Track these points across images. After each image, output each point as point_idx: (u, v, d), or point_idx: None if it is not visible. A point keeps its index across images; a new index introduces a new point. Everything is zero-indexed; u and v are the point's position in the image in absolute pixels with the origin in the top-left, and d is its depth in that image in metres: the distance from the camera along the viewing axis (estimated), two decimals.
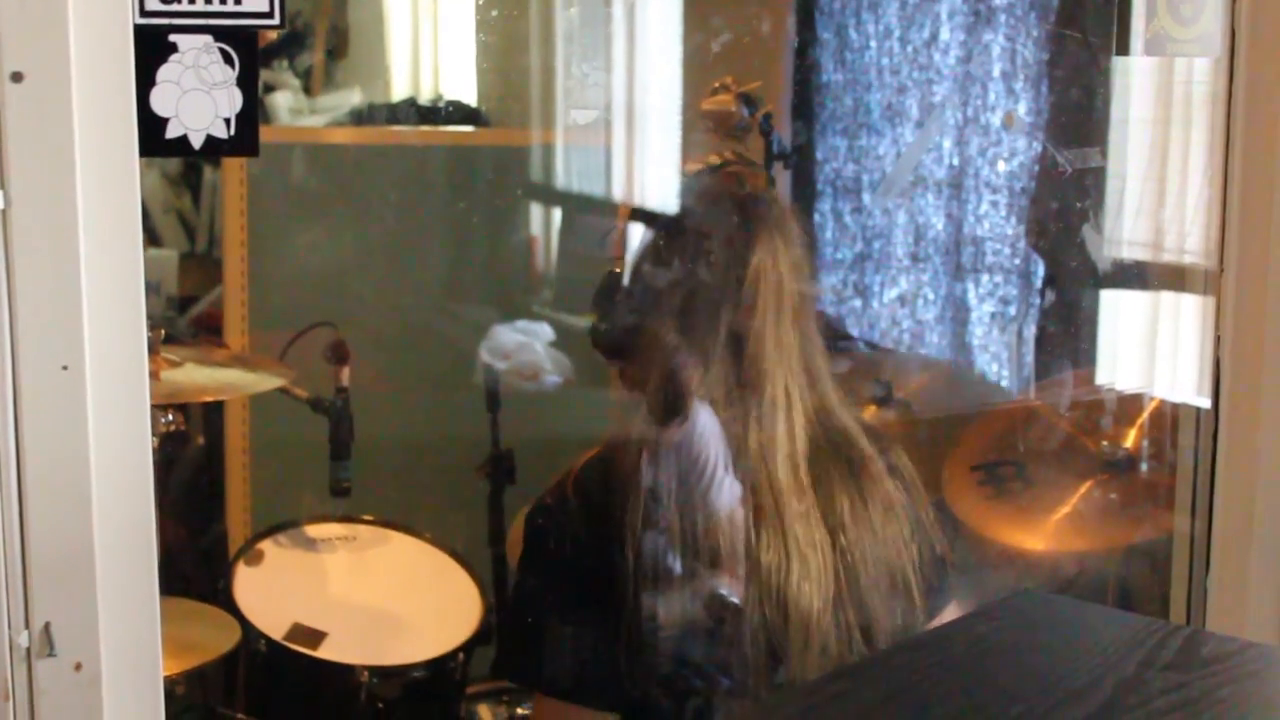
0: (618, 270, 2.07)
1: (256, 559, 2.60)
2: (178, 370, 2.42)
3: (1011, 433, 2.69)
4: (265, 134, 1.33)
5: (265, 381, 2.56)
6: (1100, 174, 2.61)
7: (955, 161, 3.11)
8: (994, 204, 3.08)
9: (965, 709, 1.19)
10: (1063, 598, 1.61)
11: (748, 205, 1.99)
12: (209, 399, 2.84)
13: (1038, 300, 3.02)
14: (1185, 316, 2.51)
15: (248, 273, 3.11)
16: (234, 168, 3.12)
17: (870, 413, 2.72)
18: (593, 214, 3.37)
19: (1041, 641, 1.34)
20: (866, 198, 3.24)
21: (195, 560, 3.07)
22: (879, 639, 1.86)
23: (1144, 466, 2.54)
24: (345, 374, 2.65)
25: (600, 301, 2.07)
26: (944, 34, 3.13)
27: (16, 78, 1.25)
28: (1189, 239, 2.47)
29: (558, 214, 3.45)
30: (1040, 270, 3.01)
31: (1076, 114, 2.80)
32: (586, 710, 1.87)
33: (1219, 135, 2.15)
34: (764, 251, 1.90)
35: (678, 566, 1.89)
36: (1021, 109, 3.01)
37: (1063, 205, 2.77)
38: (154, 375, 2.27)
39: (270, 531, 2.68)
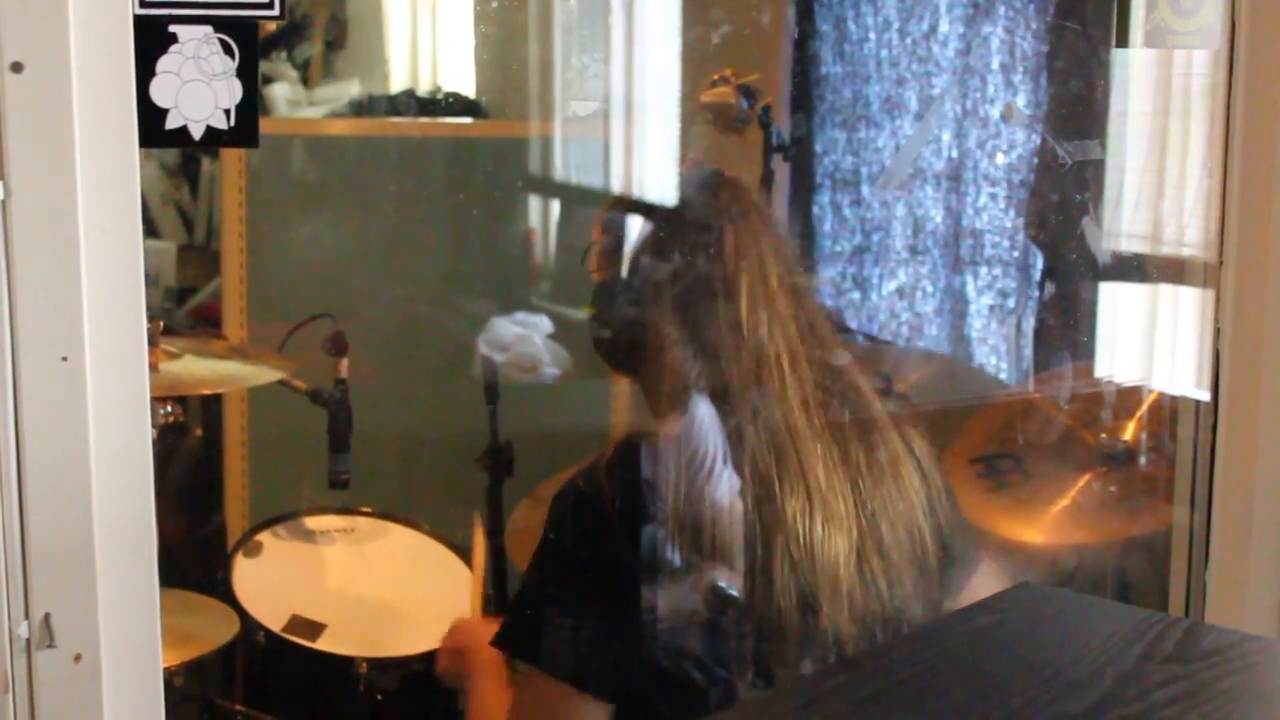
0: (607, 279, 2.10)
1: (255, 551, 2.60)
2: (176, 362, 2.42)
3: (1010, 425, 2.69)
4: (264, 125, 1.33)
5: (264, 374, 2.56)
6: (1099, 166, 2.61)
7: (954, 154, 3.11)
8: (993, 196, 3.08)
9: (965, 701, 1.19)
10: (1062, 590, 1.62)
11: (716, 195, 2.04)
12: (207, 391, 2.84)
13: (1037, 293, 3.02)
14: (1184, 309, 2.51)
15: (246, 264, 3.11)
16: (233, 159, 3.12)
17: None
18: (592, 207, 3.37)
19: (1041, 634, 1.34)
20: (865, 190, 3.24)
21: (194, 552, 3.08)
22: (902, 590, 1.88)
23: (1143, 459, 2.54)
24: (344, 366, 2.65)
25: (598, 313, 2.10)
26: (943, 26, 3.13)
27: (16, 68, 1.25)
28: (1188, 231, 2.47)
29: (557, 206, 3.45)
30: (1039, 263, 3.01)
31: (1076, 106, 2.80)
32: (587, 697, 1.87)
33: (1219, 128, 2.14)
34: (739, 230, 1.95)
35: (697, 558, 1.89)
36: (1021, 101, 3.01)
37: (1062, 198, 2.77)
38: (153, 367, 2.27)
39: (269, 523, 2.68)
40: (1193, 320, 2.38)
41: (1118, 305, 2.75)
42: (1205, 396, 2.22)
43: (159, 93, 1.34)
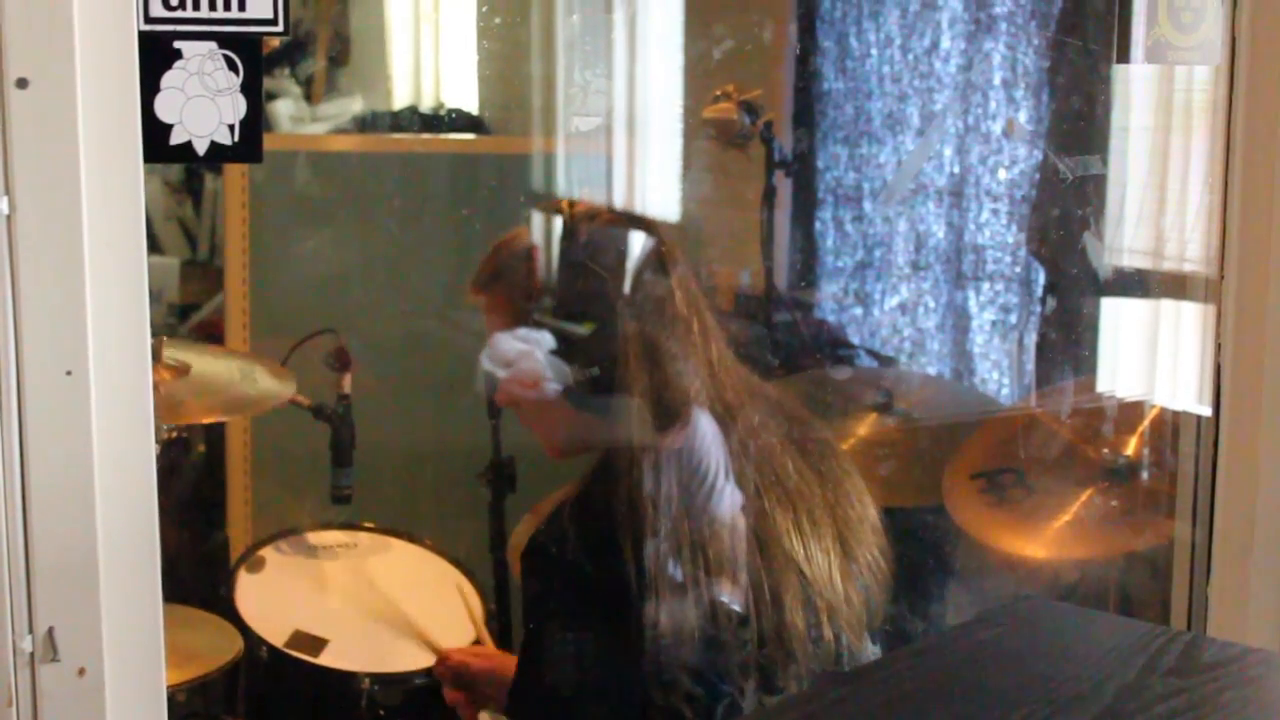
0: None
1: (258, 566, 2.60)
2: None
3: (1013, 440, 2.69)
4: (267, 141, 1.34)
5: (269, 399, 2.55)
6: (1101, 182, 2.62)
7: (956, 169, 3.11)
8: (995, 212, 3.08)
9: (966, 715, 1.19)
10: (1064, 604, 1.62)
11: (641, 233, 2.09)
12: (212, 420, 2.84)
13: (1038, 308, 3.03)
14: (1186, 324, 2.51)
15: (249, 280, 3.11)
16: (236, 175, 3.12)
17: (871, 420, 2.73)
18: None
19: (1043, 647, 1.34)
20: (868, 205, 3.25)
21: (197, 567, 3.07)
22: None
23: (1145, 474, 2.54)
24: (347, 381, 2.65)
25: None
26: (945, 42, 3.14)
27: (22, 84, 1.26)
28: (1189, 246, 2.47)
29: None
30: (1041, 278, 3.01)
31: (1077, 122, 2.80)
32: None
33: (1219, 143, 2.15)
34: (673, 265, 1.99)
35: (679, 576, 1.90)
36: (1022, 116, 3.02)
37: (1063, 213, 2.77)
38: (156, 388, 2.27)
39: (272, 539, 2.68)
40: (1194, 335, 2.39)
41: (1119, 320, 2.76)
42: (1206, 411, 2.22)
43: (163, 108, 1.35)
